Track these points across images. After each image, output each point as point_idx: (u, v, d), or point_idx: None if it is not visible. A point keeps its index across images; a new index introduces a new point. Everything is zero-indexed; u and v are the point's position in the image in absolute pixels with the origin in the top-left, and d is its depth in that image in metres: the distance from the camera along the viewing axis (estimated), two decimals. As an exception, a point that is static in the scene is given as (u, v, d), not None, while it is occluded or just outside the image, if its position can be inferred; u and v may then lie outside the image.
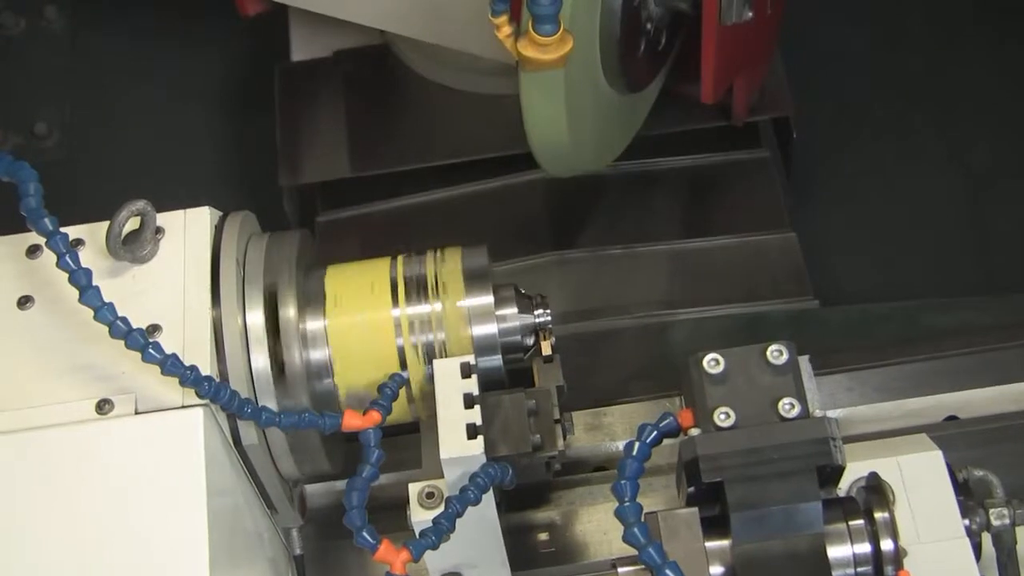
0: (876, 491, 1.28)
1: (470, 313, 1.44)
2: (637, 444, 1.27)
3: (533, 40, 1.59)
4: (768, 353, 1.25)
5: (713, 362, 1.26)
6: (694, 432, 1.24)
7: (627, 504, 1.23)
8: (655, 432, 1.28)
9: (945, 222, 2.21)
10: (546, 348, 1.47)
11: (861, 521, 1.25)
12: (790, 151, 2.16)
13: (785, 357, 1.25)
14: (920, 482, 1.32)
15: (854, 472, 1.31)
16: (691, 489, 1.24)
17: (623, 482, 1.24)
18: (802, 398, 1.24)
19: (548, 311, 1.48)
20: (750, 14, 1.83)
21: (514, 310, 1.46)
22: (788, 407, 1.23)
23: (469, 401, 1.33)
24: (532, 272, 2.08)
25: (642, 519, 1.22)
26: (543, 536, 1.59)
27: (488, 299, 1.45)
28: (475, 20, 1.73)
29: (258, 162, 2.29)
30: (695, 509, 1.25)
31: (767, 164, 2.16)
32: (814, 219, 2.16)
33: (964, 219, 2.22)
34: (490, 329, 1.44)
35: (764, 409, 1.23)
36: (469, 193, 2.16)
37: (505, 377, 1.46)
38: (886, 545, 1.24)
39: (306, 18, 2.23)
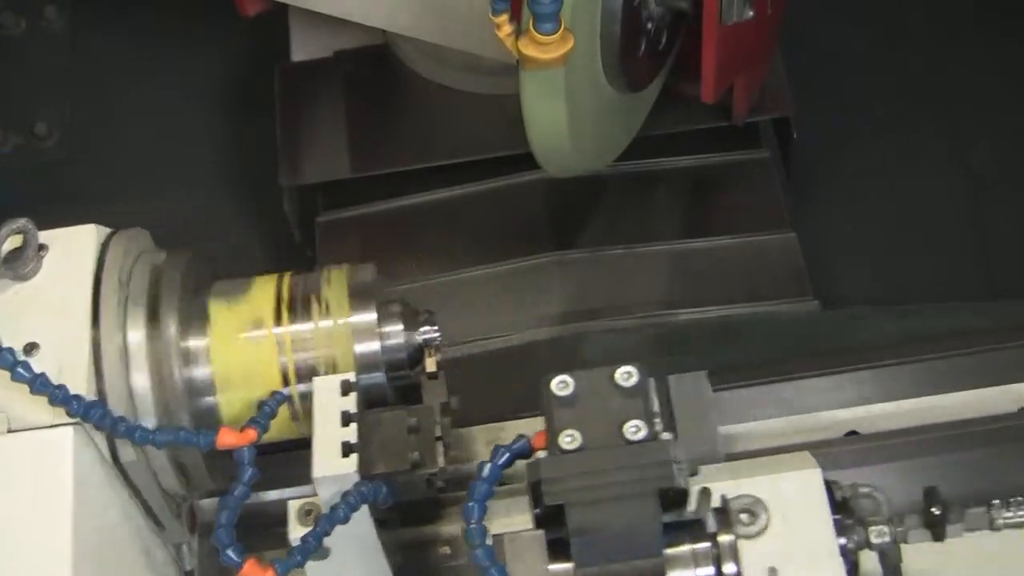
0: (723, 513, 1.27)
1: (352, 331, 1.44)
2: (488, 466, 1.28)
3: (534, 39, 1.59)
4: (617, 375, 1.25)
5: (562, 384, 1.25)
6: (541, 454, 1.24)
7: (473, 526, 1.24)
8: (507, 454, 1.29)
9: (945, 222, 2.22)
10: (431, 365, 1.46)
11: (707, 544, 1.25)
12: (790, 151, 2.16)
13: (635, 379, 1.24)
14: (796, 501, 1.29)
15: (733, 491, 1.30)
16: (537, 511, 1.23)
17: (471, 504, 1.25)
18: (650, 421, 1.23)
19: (435, 328, 1.48)
20: (751, 13, 1.83)
21: (399, 327, 1.46)
22: (633, 430, 1.22)
23: (346, 419, 1.34)
24: (532, 272, 2.08)
25: (488, 541, 1.23)
26: (445, 550, 1.59)
27: (371, 316, 1.44)
28: (476, 19, 1.73)
29: (258, 162, 2.29)
30: (541, 532, 1.24)
31: (767, 164, 2.16)
32: (814, 219, 2.16)
33: (964, 219, 2.22)
34: (372, 347, 1.44)
35: (611, 432, 1.22)
36: (469, 193, 2.16)
37: (390, 394, 1.47)
38: (728, 569, 1.24)
39: (306, 18, 2.24)
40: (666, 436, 1.23)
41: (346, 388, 1.37)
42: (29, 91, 2.50)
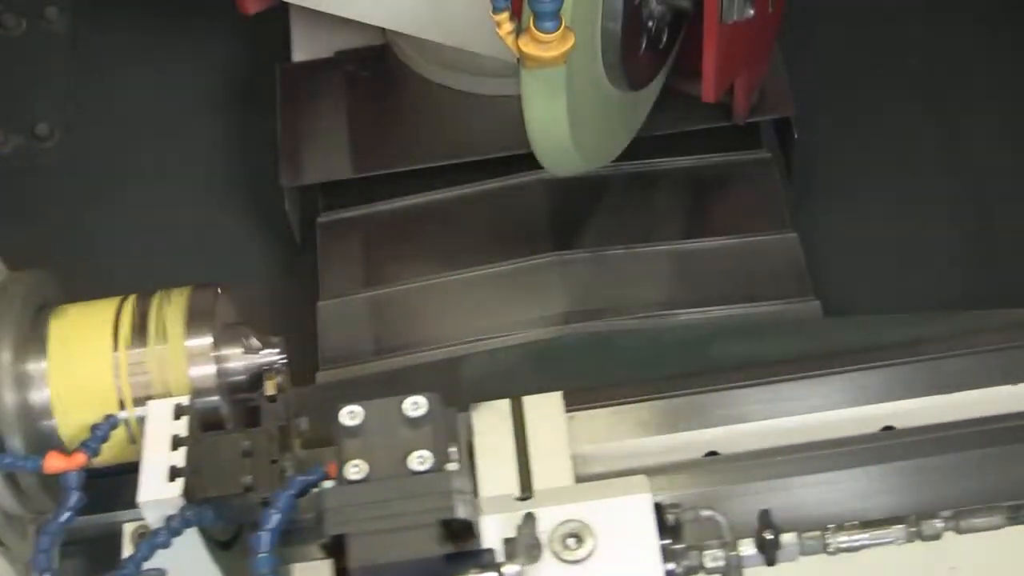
0: (512, 543, 1.27)
1: (188, 354, 1.45)
2: (282, 495, 1.28)
3: (534, 37, 1.59)
4: (406, 405, 1.25)
5: (350, 414, 1.25)
6: (328, 484, 1.25)
7: (261, 555, 1.24)
8: (300, 484, 1.29)
9: (946, 222, 2.21)
10: (270, 388, 1.47)
11: (494, 574, 1.25)
12: (791, 151, 2.16)
13: (423, 410, 1.25)
14: (623, 526, 1.31)
15: (563, 515, 1.31)
16: (325, 541, 1.24)
17: (260, 533, 1.24)
18: (439, 451, 1.23)
19: (278, 351, 1.48)
20: (751, 12, 1.83)
21: (237, 351, 1.46)
22: (419, 461, 1.22)
23: (176, 443, 1.34)
24: (532, 272, 2.08)
25: (276, 571, 1.23)
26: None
27: (207, 340, 1.45)
28: (477, 17, 1.73)
29: (259, 162, 2.29)
30: (330, 561, 1.25)
31: (768, 164, 2.16)
32: (815, 219, 2.16)
33: (965, 219, 2.22)
34: (208, 370, 1.44)
35: (396, 462, 1.23)
36: (470, 193, 2.16)
37: (233, 417, 1.47)
38: None
39: (307, 18, 2.24)
40: (452, 467, 1.23)
41: (179, 412, 1.37)
42: (30, 92, 2.50)
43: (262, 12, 2.16)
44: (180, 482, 1.31)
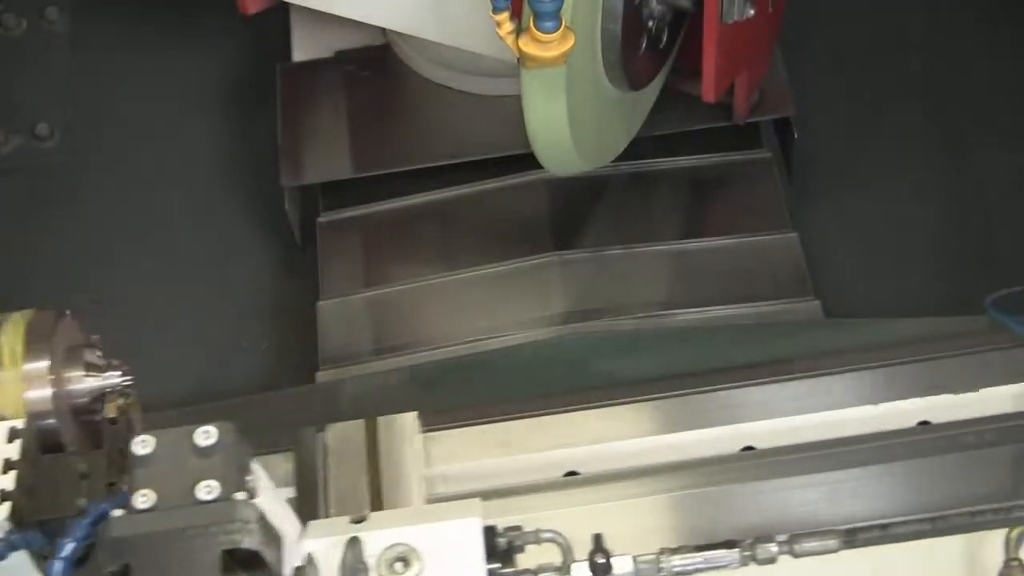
0: (300, 570, 1.29)
1: (24, 377, 1.43)
2: (78, 522, 1.26)
3: (534, 37, 1.60)
4: (196, 435, 1.25)
5: (142, 443, 1.25)
6: (117, 513, 1.24)
7: None
8: (98, 512, 1.27)
9: (946, 222, 2.21)
10: (111, 411, 1.46)
11: None
12: (791, 151, 2.16)
13: (213, 439, 1.24)
14: (450, 549, 1.32)
15: (394, 538, 1.32)
16: (114, 570, 1.23)
17: (55, 562, 1.23)
18: (227, 480, 1.23)
19: (121, 374, 1.47)
20: (752, 12, 1.83)
21: (78, 373, 1.46)
22: (206, 490, 1.22)
23: (7, 466, 1.33)
24: (532, 272, 2.08)
25: None
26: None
27: (43, 363, 1.43)
28: (477, 17, 1.73)
29: (259, 162, 2.29)
30: None
31: (768, 164, 2.17)
32: (815, 219, 2.16)
33: (965, 219, 2.22)
34: (44, 393, 1.43)
35: (185, 492, 1.22)
36: (470, 193, 2.16)
37: (74, 439, 1.45)
38: None
39: (307, 18, 2.24)
40: (240, 496, 1.22)
41: (12, 435, 1.36)
42: (30, 92, 2.50)
43: (262, 12, 2.17)
44: (7, 506, 1.30)
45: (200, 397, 2.14)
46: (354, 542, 1.30)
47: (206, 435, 1.24)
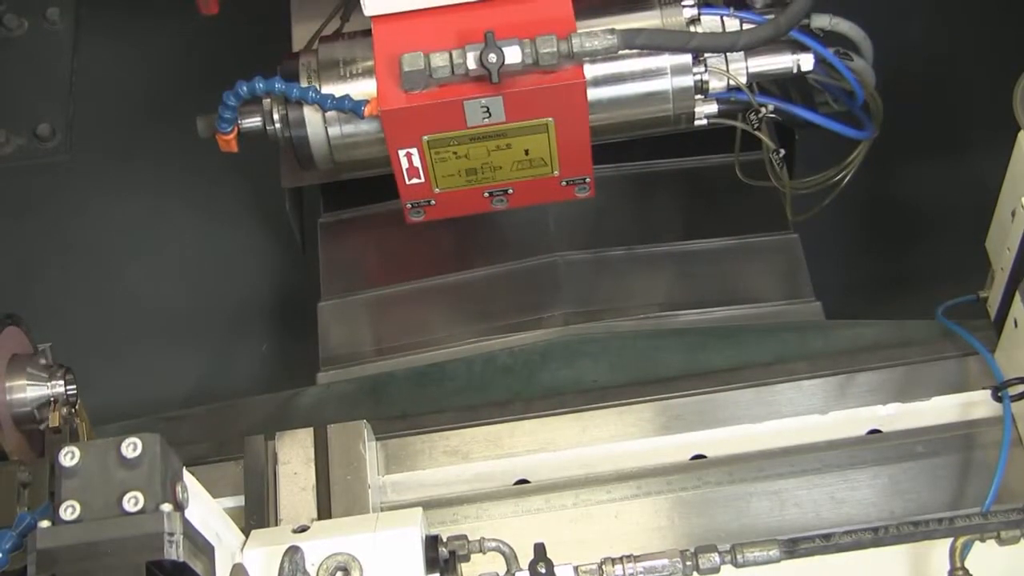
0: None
1: None
2: (5, 532, 1.28)
3: None
4: (123, 447, 1.25)
5: (68, 455, 1.25)
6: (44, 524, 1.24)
7: None
8: (29, 522, 1.29)
9: (946, 222, 2.21)
10: (54, 420, 1.47)
11: None
12: (791, 152, 2.16)
13: (138, 451, 1.24)
14: (389, 559, 1.34)
15: (334, 548, 1.34)
16: None
17: None
18: (152, 493, 1.23)
19: (66, 383, 1.48)
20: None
21: (22, 382, 1.47)
22: (132, 502, 1.23)
23: None
24: (532, 272, 2.08)
25: None
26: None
27: None
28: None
29: (259, 163, 2.29)
30: None
31: (769, 165, 2.16)
32: (815, 220, 2.16)
33: (965, 219, 2.21)
34: None
35: (110, 504, 1.23)
36: (470, 193, 2.16)
37: (17, 448, 1.47)
38: None
39: (308, 16, 2.23)
40: (166, 508, 1.22)
41: None
42: (32, 92, 2.51)
43: (262, 10, 2.16)
44: None
45: (200, 397, 2.15)
46: (294, 551, 1.31)
47: (132, 447, 1.24)
